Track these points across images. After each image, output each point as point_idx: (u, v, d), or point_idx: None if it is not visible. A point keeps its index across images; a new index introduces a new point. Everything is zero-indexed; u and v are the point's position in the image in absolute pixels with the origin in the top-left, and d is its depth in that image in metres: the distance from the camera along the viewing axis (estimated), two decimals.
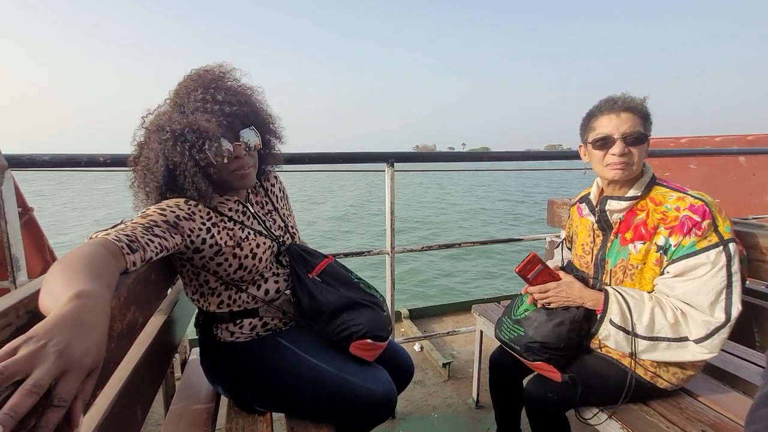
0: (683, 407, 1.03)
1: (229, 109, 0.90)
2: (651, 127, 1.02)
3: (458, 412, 1.73)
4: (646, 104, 1.02)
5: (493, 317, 1.58)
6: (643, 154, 1.01)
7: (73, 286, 0.52)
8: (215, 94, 0.91)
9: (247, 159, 0.94)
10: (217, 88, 0.92)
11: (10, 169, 1.32)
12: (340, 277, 1.08)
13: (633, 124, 0.99)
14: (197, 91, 0.91)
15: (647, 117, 1.01)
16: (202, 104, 0.90)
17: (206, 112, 0.89)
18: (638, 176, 1.04)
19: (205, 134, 0.87)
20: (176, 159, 0.87)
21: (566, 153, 2.29)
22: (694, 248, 0.92)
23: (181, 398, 1.09)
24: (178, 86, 0.95)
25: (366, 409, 0.96)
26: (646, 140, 1.01)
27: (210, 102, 0.90)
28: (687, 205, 0.94)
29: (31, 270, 1.43)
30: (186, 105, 0.91)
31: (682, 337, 0.93)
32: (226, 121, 0.90)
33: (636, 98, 1.01)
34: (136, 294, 0.76)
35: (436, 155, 2.09)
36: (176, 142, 0.87)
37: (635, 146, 0.99)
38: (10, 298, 0.58)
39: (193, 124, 0.87)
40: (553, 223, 1.78)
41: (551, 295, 1.07)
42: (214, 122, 0.88)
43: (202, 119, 0.88)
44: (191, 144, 0.87)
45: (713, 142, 4.38)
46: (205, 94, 0.91)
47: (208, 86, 0.92)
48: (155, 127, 0.89)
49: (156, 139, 0.88)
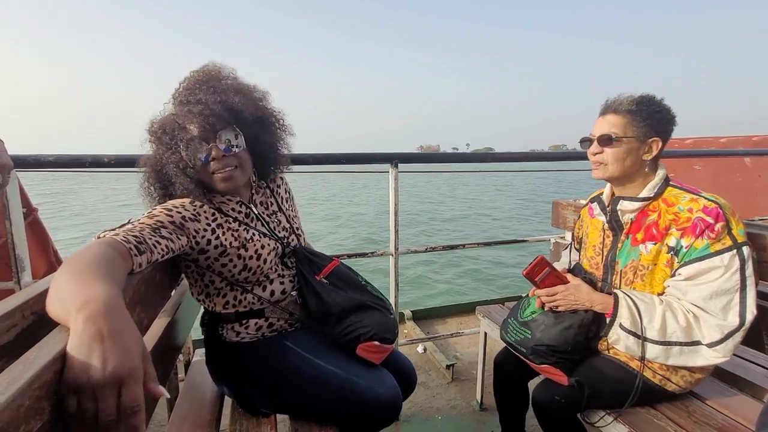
0: (691, 411, 1.02)
1: (208, 111, 0.88)
2: (656, 127, 0.99)
3: (462, 414, 1.72)
4: (635, 103, 0.99)
5: (497, 319, 1.57)
6: (620, 154, 1.00)
7: (85, 290, 0.51)
8: (197, 94, 0.90)
9: (227, 160, 0.91)
10: (202, 88, 0.92)
11: (15, 169, 1.33)
12: (347, 279, 1.07)
13: (609, 126, 1.01)
14: (183, 92, 0.93)
15: (637, 116, 0.98)
16: (182, 106, 0.91)
17: (187, 113, 0.89)
18: (650, 177, 1.03)
19: (180, 135, 0.88)
20: (162, 160, 0.90)
21: (572, 154, 2.28)
22: (707, 251, 0.90)
23: (185, 399, 1.09)
24: (178, 87, 0.96)
25: (372, 411, 0.95)
26: (617, 141, 0.99)
27: (192, 103, 0.90)
28: (700, 207, 0.93)
29: (35, 271, 1.43)
30: (174, 105, 0.93)
31: (694, 341, 0.92)
32: (207, 123, 0.88)
33: (624, 99, 1.01)
34: (141, 295, 0.75)
35: (441, 156, 2.09)
36: (156, 143, 0.91)
37: (606, 146, 1.01)
38: (15, 299, 0.58)
39: (167, 126, 0.89)
40: (558, 225, 1.77)
41: (559, 298, 1.06)
42: (194, 123, 0.88)
43: (180, 120, 0.89)
44: (167, 145, 0.89)
45: (718, 143, 4.36)
46: (189, 95, 0.91)
47: (193, 87, 0.92)
48: (152, 131, 0.93)
49: (155, 145, 0.92)
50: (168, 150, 0.89)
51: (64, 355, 0.46)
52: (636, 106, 0.99)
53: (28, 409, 0.40)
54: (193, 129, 0.89)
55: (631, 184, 1.04)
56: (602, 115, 1.04)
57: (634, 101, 0.99)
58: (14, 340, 0.54)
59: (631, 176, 1.03)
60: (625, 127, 0.99)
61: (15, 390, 0.38)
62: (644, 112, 0.98)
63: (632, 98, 1.00)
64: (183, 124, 0.89)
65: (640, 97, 1.00)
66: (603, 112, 1.04)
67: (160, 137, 0.90)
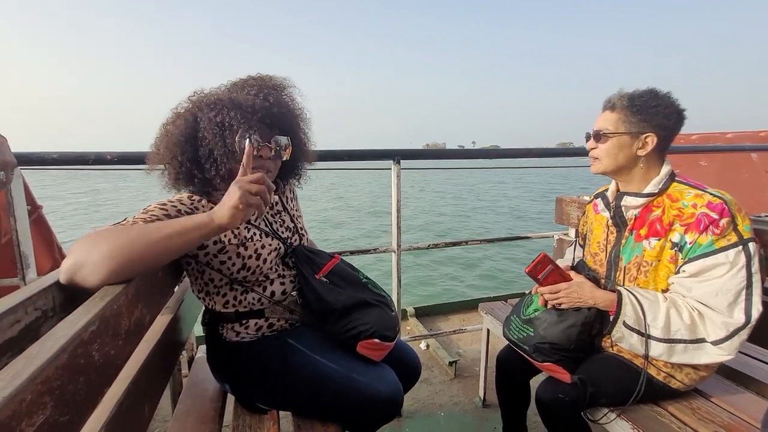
0: (695, 408, 1.01)
1: (277, 111, 0.91)
2: (655, 123, 0.97)
3: (465, 411, 1.72)
4: (628, 99, 0.99)
5: (500, 315, 1.57)
6: (612, 150, 1.01)
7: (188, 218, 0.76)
8: (268, 95, 0.93)
9: (269, 163, 0.93)
10: (273, 92, 0.94)
11: (19, 167, 1.33)
12: (347, 277, 1.07)
13: (604, 122, 1.02)
14: (254, 88, 0.94)
15: (630, 111, 0.98)
16: (253, 98, 0.91)
17: (258, 102, 0.90)
18: (653, 172, 1.02)
19: (244, 120, 0.87)
20: (209, 134, 0.87)
21: (578, 150, 2.25)
22: (712, 247, 0.89)
23: (189, 395, 1.10)
24: (237, 80, 0.97)
25: (372, 408, 0.95)
26: (607, 136, 1.01)
27: (261, 99, 0.91)
28: (705, 203, 0.92)
29: (40, 267, 1.44)
30: (239, 94, 0.92)
31: (698, 339, 0.91)
32: (269, 121, 0.91)
33: (619, 95, 1.01)
34: (144, 291, 0.76)
35: (443, 152, 2.07)
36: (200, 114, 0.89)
37: (599, 142, 1.04)
38: (19, 295, 0.58)
39: (239, 106, 0.88)
40: (561, 221, 1.76)
41: (562, 296, 1.05)
42: (259, 114, 0.89)
43: (246, 106, 0.88)
44: (215, 123, 0.87)
45: (724, 138, 4.31)
46: (260, 91, 0.93)
47: (264, 86, 0.94)
48: (204, 103, 0.90)
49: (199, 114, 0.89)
50: (216, 127, 0.87)
51: (66, 350, 0.46)
52: (629, 101, 0.99)
53: (31, 404, 0.40)
54: (259, 123, 0.89)
55: (632, 180, 1.04)
56: (602, 111, 1.06)
57: (627, 97, 1.00)
58: (18, 336, 0.55)
59: (628, 171, 1.04)
60: (617, 123, 1.00)
61: (17, 384, 0.39)
62: (638, 108, 0.98)
63: (627, 94, 1.00)
64: (248, 111, 0.88)
65: (639, 93, 1.00)
66: (602, 109, 1.06)
67: (208, 113, 0.88)
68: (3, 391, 0.37)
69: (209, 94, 0.93)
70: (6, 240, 1.61)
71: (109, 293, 0.63)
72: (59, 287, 0.65)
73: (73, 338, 0.49)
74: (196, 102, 0.92)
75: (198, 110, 0.90)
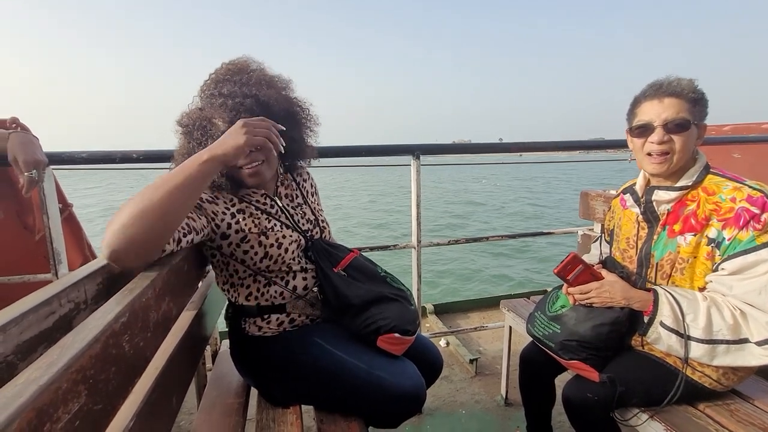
0: (733, 409, 0.97)
1: (232, 102, 0.90)
2: (704, 112, 0.94)
3: (486, 409, 1.70)
4: (697, 87, 0.93)
5: (523, 313, 1.54)
6: (689, 143, 0.93)
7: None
8: (226, 86, 0.92)
9: (254, 155, 0.91)
10: (231, 80, 0.93)
11: (50, 166, 1.38)
12: (366, 271, 1.06)
13: (677, 110, 0.92)
14: (212, 85, 0.94)
15: (697, 102, 0.93)
16: (209, 99, 0.92)
17: (215, 107, 0.91)
18: (689, 164, 0.97)
19: (210, 130, 0.90)
20: (193, 153, 0.89)
21: (610, 143, 2.17)
22: (753, 243, 0.85)
23: (213, 388, 1.12)
24: (205, 80, 0.97)
25: (394, 403, 0.95)
26: (691, 127, 0.93)
27: (216, 96, 0.92)
28: (744, 196, 0.87)
29: (71, 263, 1.49)
30: (203, 99, 0.95)
31: (742, 339, 0.86)
32: (236, 117, 0.88)
33: (683, 81, 0.94)
34: (171, 285, 0.77)
35: (462, 147, 2.03)
36: (187, 137, 0.92)
37: (677, 134, 0.92)
38: (53, 287, 0.60)
39: (196, 120, 0.91)
40: (586, 216, 1.71)
41: (593, 296, 1.01)
42: (223, 117, 0.90)
43: (209, 114, 0.90)
44: (198, 140, 0.91)
45: (760, 128, 4.10)
46: (218, 87, 0.93)
47: (222, 79, 0.94)
48: (178, 120, 0.95)
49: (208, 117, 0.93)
50: (198, 145, 0.90)
51: (99, 340, 0.47)
52: (689, 88, 0.93)
53: (66, 392, 0.41)
54: (222, 123, 0.90)
55: (674, 174, 0.98)
56: (657, 98, 0.94)
57: (691, 83, 0.93)
58: (52, 327, 0.56)
59: None
60: (692, 112, 0.92)
61: (54, 372, 0.40)
62: (700, 95, 0.93)
63: (687, 80, 0.94)
64: (212, 118, 0.90)
65: (691, 80, 0.94)
66: (657, 96, 0.94)
67: (191, 131, 0.92)
68: (40, 379, 0.38)
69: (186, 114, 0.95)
70: (40, 237, 1.68)
71: (138, 286, 0.64)
72: (90, 280, 0.67)
73: (105, 329, 0.50)
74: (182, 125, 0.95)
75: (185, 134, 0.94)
